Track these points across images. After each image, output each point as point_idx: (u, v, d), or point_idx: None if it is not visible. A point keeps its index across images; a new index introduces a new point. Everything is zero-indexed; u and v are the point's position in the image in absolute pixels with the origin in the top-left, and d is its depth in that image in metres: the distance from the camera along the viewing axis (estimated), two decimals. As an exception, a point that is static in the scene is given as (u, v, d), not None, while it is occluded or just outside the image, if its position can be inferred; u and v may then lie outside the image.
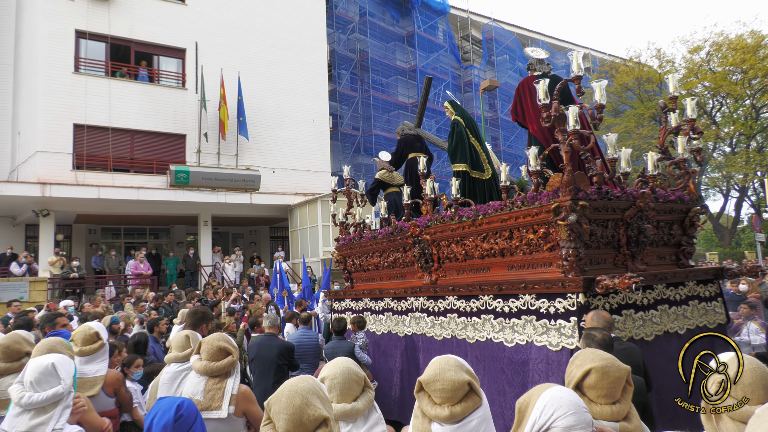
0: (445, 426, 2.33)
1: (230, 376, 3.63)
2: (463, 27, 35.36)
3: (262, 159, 21.71)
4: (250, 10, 22.69)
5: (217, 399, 3.53)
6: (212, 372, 3.59)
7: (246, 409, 3.60)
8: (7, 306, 10.12)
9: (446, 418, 2.31)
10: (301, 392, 2.01)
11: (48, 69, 18.53)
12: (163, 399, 2.71)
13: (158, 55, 21.19)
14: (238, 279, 19.60)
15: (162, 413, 2.56)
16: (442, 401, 2.34)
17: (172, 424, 2.51)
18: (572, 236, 4.61)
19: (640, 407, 3.25)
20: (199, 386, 3.60)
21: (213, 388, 3.56)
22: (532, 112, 5.91)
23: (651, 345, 4.85)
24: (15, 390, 2.97)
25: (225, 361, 3.61)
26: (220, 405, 3.51)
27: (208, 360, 3.62)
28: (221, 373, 3.61)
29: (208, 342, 3.65)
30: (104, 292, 15.46)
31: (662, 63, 33.62)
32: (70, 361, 3.20)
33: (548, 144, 5.55)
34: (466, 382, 2.35)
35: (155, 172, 19.84)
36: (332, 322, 7.01)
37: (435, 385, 2.36)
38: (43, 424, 2.87)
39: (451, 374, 2.35)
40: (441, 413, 2.32)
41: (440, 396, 2.34)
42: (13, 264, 16.70)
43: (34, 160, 18.09)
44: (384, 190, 8.70)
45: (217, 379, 3.59)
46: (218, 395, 3.54)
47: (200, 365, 3.63)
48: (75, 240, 21.66)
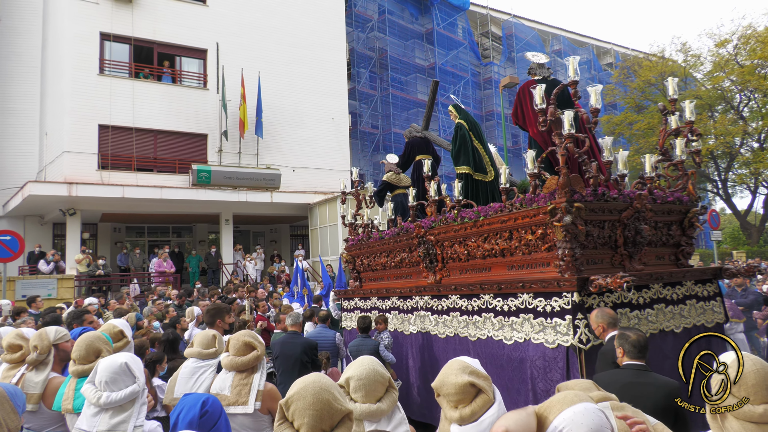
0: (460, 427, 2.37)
1: (257, 371, 3.72)
2: (482, 23, 35.29)
3: (282, 158, 21.99)
4: (270, 10, 22.96)
5: (244, 394, 3.62)
6: (238, 366, 3.69)
7: (271, 407, 3.66)
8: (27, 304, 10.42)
9: (457, 420, 2.36)
10: (326, 388, 2.02)
11: (74, 71, 18.99)
12: (189, 395, 2.78)
13: (180, 56, 21.60)
14: (259, 277, 19.92)
15: (188, 409, 2.63)
16: (452, 404, 2.39)
17: (198, 420, 2.58)
18: (568, 237, 4.74)
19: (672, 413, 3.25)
20: (226, 381, 3.71)
21: (240, 383, 3.66)
22: (532, 115, 6.03)
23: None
24: (89, 390, 3.02)
25: (250, 355, 3.71)
26: (246, 400, 3.59)
27: (235, 355, 3.74)
28: (247, 368, 3.70)
29: (235, 338, 3.77)
30: (129, 289, 15.90)
31: (687, 57, 33.07)
32: (139, 360, 3.25)
33: (548, 147, 5.67)
34: (468, 383, 2.35)
35: (178, 172, 20.23)
36: (357, 320, 7.06)
37: (442, 390, 2.41)
38: (124, 422, 2.94)
39: (452, 378, 2.37)
40: (453, 415, 2.37)
41: (448, 400, 2.39)
42: (41, 262, 17.18)
43: (61, 160, 18.58)
44: (391, 191, 8.88)
45: (244, 374, 3.69)
46: (245, 390, 3.63)
47: (227, 360, 3.76)
48: (100, 238, 22.19)
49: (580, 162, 5.07)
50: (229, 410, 3.54)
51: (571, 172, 5.23)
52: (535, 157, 5.07)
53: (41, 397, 3.68)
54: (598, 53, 41.98)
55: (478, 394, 2.40)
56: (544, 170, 5.39)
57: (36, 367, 3.84)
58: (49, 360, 3.87)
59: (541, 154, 5.29)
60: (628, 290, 4.83)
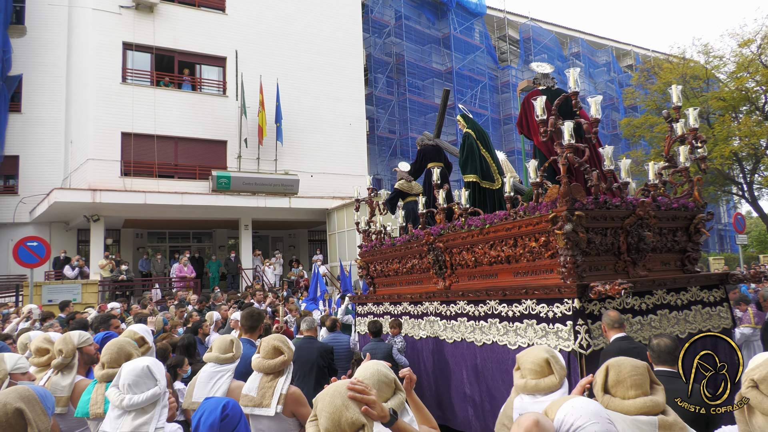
0: (520, 396, 2.96)
1: (282, 375, 3.80)
2: (499, 27, 35.27)
3: (300, 163, 22.23)
4: (288, 17, 23.26)
5: (268, 397, 3.70)
6: (264, 369, 3.78)
7: (295, 410, 3.73)
8: (60, 309, 10.76)
9: (521, 387, 2.98)
10: (342, 394, 2.05)
11: (97, 80, 19.47)
12: (209, 399, 2.84)
13: (200, 64, 22.00)
14: (278, 282, 20.15)
15: (209, 413, 2.69)
16: (526, 375, 3.01)
17: (219, 423, 2.63)
18: (569, 244, 4.85)
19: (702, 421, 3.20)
20: (254, 382, 3.81)
21: (265, 385, 3.74)
22: (536, 125, 6.15)
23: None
24: (113, 393, 3.09)
25: (277, 360, 3.79)
26: (269, 403, 3.67)
27: (263, 357, 3.83)
28: (273, 372, 3.78)
29: (266, 341, 3.87)
30: (151, 294, 16.22)
31: (709, 58, 32.59)
32: (161, 363, 3.30)
33: (551, 156, 5.78)
34: (545, 360, 2.98)
35: (198, 178, 20.56)
36: (368, 325, 7.16)
37: (521, 360, 3.08)
38: (146, 424, 3.00)
39: (534, 350, 3.08)
40: (519, 382, 3.03)
41: (523, 370, 3.03)
42: (66, 267, 17.52)
43: (85, 167, 19.00)
44: (403, 199, 9.04)
45: (270, 377, 3.78)
46: (269, 393, 3.71)
47: (256, 362, 3.85)
48: (123, 244, 22.60)
49: (582, 171, 5.18)
50: (253, 411, 3.68)
51: (574, 180, 5.34)
52: (538, 166, 5.20)
53: (69, 400, 3.80)
54: (618, 55, 41.71)
55: (549, 375, 2.87)
56: (548, 178, 5.49)
57: (62, 370, 3.94)
58: (74, 363, 3.99)
59: (543, 164, 5.40)
60: (626, 296, 4.92)
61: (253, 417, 3.70)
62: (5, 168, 21.25)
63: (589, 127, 4.92)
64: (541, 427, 1.82)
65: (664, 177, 6.05)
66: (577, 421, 1.86)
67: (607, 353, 4.26)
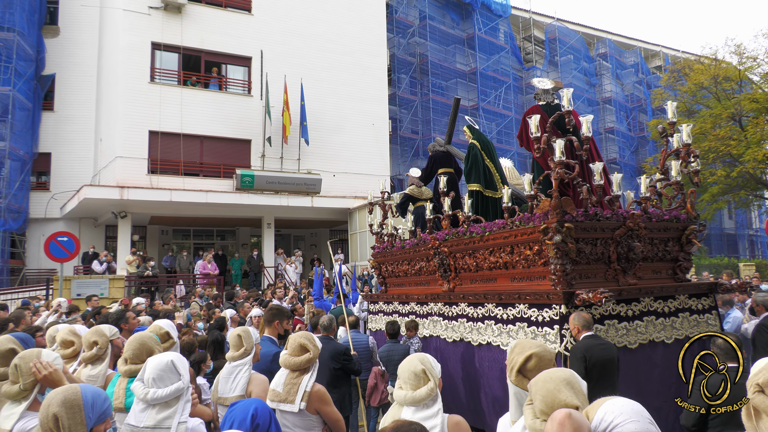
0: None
1: (307, 372, 3.89)
2: (525, 27, 35.26)
3: (322, 163, 22.56)
4: (313, 18, 23.59)
5: (293, 393, 3.79)
6: (290, 366, 3.89)
7: (319, 408, 3.82)
8: (86, 301, 11.29)
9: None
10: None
11: (126, 79, 20.09)
12: (236, 406, 2.92)
13: (226, 64, 22.50)
14: (298, 280, 20.56)
15: (238, 423, 2.73)
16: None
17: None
18: (559, 254, 5.16)
19: None
20: (281, 378, 3.92)
21: (291, 382, 3.84)
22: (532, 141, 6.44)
23: (635, 352, 5.34)
24: (138, 387, 3.16)
25: (303, 357, 3.89)
26: (293, 399, 3.76)
27: (290, 354, 3.94)
28: (299, 369, 3.88)
29: (293, 337, 3.98)
30: (175, 290, 16.75)
31: (743, 59, 31.91)
32: (185, 359, 3.36)
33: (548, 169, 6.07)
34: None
35: (222, 176, 21.05)
36: (386, 326, 7.33)
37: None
38: (169, 418, 3.07)
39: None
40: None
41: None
42: (94, 262, 18.02)
43: (114, 165, 19.60)
44: (413, 203, 9.42)
45: (296, 374, 3.87)
46: (294, 390, 3.80)
47: (284, 358, 3.96)
48: (149, 240, 23.21)
49: (575, 184, 5.48)
50: (279, 407, 3.81)
51: (569, 192, 5.65)
52: (533, 179, 5.50)
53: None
54: (646, 56, 41.31)
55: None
56: (544, 190, 5.79)
57: (93, 362, 4.10)
58: (107, 355, 4.17)
59: (538, 177, 5.70)
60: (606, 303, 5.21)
61: (279, 412, 3.84)
62: (38, 165, 22.00)
63: (579, 146, 5.21)
64: (574, 420, 1.93)
65: (658, 189, 6.31)
66: (617, 419, 1.94)
67: (575, 350, 4.61)
